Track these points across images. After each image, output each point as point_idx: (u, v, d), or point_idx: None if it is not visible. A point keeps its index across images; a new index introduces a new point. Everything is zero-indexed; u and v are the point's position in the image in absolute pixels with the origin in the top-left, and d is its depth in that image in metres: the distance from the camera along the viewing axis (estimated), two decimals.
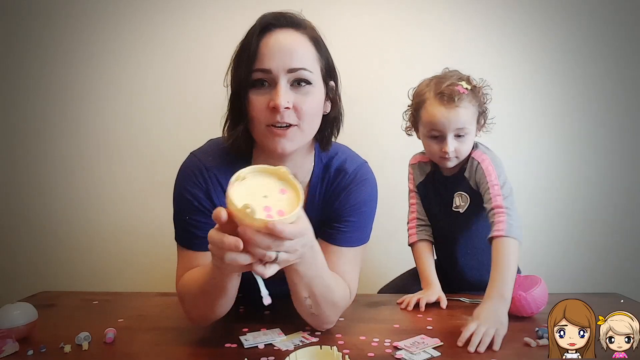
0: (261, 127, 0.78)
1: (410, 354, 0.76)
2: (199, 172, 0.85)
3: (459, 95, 1.09)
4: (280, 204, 0.62)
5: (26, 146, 1.73)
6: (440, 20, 1.64)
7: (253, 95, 0.78)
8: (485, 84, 1.17)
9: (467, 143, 1.13)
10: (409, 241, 1.25)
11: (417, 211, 1.27)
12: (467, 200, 1.17)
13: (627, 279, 1.64)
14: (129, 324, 0.92)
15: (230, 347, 0.79)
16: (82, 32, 1.68)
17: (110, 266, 1.73)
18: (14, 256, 1.76)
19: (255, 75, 0.77)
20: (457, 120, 1.10)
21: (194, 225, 0.84)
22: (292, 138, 0.78)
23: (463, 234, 1.20)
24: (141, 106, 1.70)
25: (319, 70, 0.81)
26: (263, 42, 0.77)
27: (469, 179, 1.16)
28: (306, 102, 0.78)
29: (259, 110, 0.77)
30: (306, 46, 0.79)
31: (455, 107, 1.09)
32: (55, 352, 0.78)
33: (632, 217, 1.67)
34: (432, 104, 1.12)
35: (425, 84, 1.17)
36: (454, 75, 1.16)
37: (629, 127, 1.65)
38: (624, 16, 1.62)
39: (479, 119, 1.16)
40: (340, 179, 0.90)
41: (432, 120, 1.12)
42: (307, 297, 0.78)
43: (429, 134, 1.15)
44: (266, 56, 0.76)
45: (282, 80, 0.76)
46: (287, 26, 0.79)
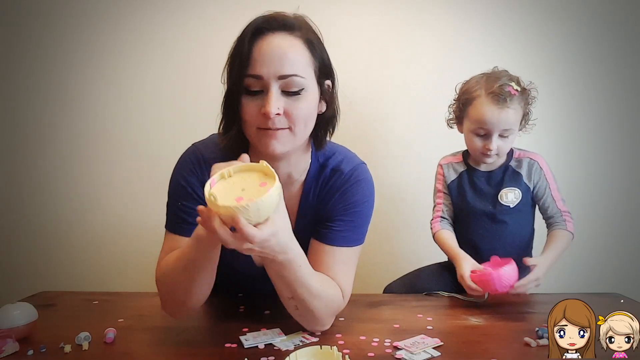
0: (253, 130, 0.79)
1: (410, 354, 0.76)
2: (196, 162, 0.87)
3: (510, 96, 1.13)
4: (257, 194, 0.62)
5: (26, 146, 1.73)
6: (441, 20, 1.64)
7: (245, 100, 0.78)
8: (532, 86, 1.21)
9: (509, 142, 1.19)
10: (432, 231, 1.30)
11: (442, 210, 1.31)
12: (519, 196, 1.21)
13: (627, 279, 1.64)
14: (129, 324, 0.92)
15: (230, 347, 0.79)
16: (82, 33, 1.68)
17: (110, 266, 1.73)
18: (14, 256, 1.76)
19: (247, 81, 0.77)
20: (507, 121, 1.14)
21: (184, 211, 0.85)
22: (284, 140, 0.79)
23: (503, 231, 1.23)
24: (141, 107, 1.70)
25: (312, 73, 0.80)
26: (255, 47, 0.76)
27: (524, 176, 1.21)
28: (297, 107, 0.78)
29: (251, 114, 0.78)
30: (299, 50, 0.78)
31: (506, 108, 1.13)
32: (55, 352, 0.78)
33: (632, 217, 1.67)
34: (483, 103, 1.15)
35: (475, 81, 1.21)
36: (504, 75, 1.19)
37: (629, 127, 1.65)
38: (624, 16, 1.62)
39: (522, 120, 1.21)
40: (335, 179, 0.90)
41: (482, 118, 1.15)
42: (290, 297, 0.79)
43: (475, 131, 1.19)
44: (258, 62, 0.76)
45: (274, 87, 0.76)
46: (280, 29, 0.78)
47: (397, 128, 1.69)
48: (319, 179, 0.91)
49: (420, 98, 1.65)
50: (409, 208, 1.68)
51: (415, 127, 1.67)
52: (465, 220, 1.29)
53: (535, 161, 1.23)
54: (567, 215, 1.21)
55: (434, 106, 1.49)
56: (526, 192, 1.22)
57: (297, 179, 0.91)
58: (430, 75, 1.65)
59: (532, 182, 1.22)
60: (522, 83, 1.19)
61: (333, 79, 0.87)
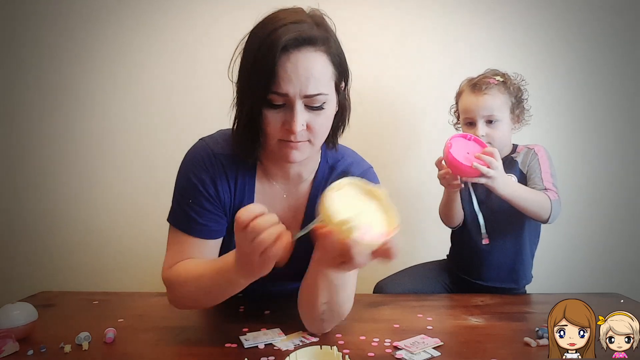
0: (274, 141, 0.80)
1: (410, 354, 0.76)
2: (207, 157, 0.86)
3: (488, 84, 1.21)
4: (372, 223, 0.61)
5: (26, 146, 1.73)
6: (441, 21, 1.65)
7: (268, 113, 0.77)
8: (520, 78, 1.28)
9: (500, 129, 1.22)
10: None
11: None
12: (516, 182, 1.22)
13: (627, 279, 1.64)
14: (129, 324, 0.92)
15: (230, 347, 0.79)
16: (82, 33, 1.68)
17: (110, 266, 1.73)
18: (14, 256, 1.76)
19: (272, 98, 0.75)
20: (485, 106, 1.21)
21: (194, 210, 0.84)
22: (303, 150, 0.80)
23: (501, 218, 1.23)
24: (142, 107, 1.70)
25: (333, 86, 0.80)
26: (280, 64, 0.73)
27: (519, 162, 1.24)
28: (318, 121, 0.78)
29: (273, 127, 0.78)
30: (324, 66, 0.77)
31: (483, 95, 1.21)
32: (55, 352, 0.78)
33: (632, 217, 1.67)
34: (466, 94, 1.27)
35: (465, 80, 1.31)
36: (490, 70, 1.28)
37: (629, 127, 1.65)
38: (624, 16, 1.62)
39: (514, 109, 1.24)
40: None
41: (465, 107, 1.26)
42: (325, 302, 0.78)
43: (465, 122, 1.27)
44: (284, 80, 0.74)
45: (298, 104, 0.75)
46: (306, 44, 0.75)
47: (398, 129, 1.69)
48: (328, 180, 0.91)
49: (425, 99, 1.66)
50: (412, 208, 1.69)
51: (417, 128, 1.67)
52: (469, 210, 1.29)
53: (532, 149, 1.25)
54: (553, 191, 1.17)
55: (438, 107, 1.50)
56: (522, 178, 1.23)
57: (306, 178, 0.92)
58: (436, 76, 1.65)
59: (526, 167, 1.23)
60: (508, 77, 1.26)
61: (347, 79, 0.86)
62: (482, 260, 1.26)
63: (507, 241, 1.24)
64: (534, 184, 1.20)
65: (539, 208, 1.14)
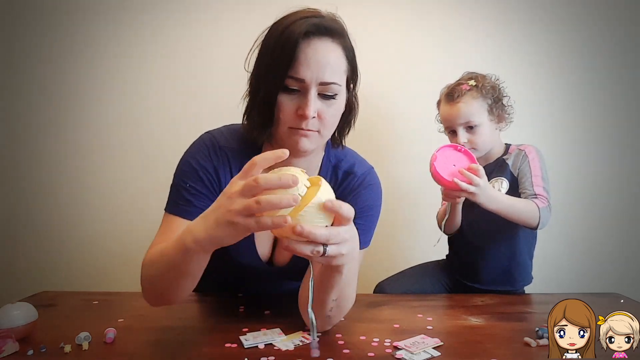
0: (285, 128, 0.81)
1: (410, 354, 0.76)
2: (211, 147, 0.87)
3: (461, 91, 1.20)
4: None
5: (27, 146, 1.74)
6: (443, 23, 1.65)
7: (282, 98, 0.79)
8: (494, 77, 1.26)
9: (481, 134, 1.21)
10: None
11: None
12: (507, 186, 1.22)
13: (627, 279, 1.64)
14: (129, 324, 0.92)
15: (230, 347, 0.79)
16: (83, 33, 1.69)
17: (110, 266, 1.73)
18: (14, 256, 1.76)
19: (288, 82, 0.78)
20: (458, 115, 1.21)
21: (191, 192, 0.84)
22: (312, 140, 0.82)
23: (494, 221, 1.21)
24: (143, 107, 1.71)
25: (345, 80, 0.82)
26: (301, 49, 0.76)
27: (510, 165, 1.23)
28: (329, 111, 0.80)
29: (286, 113, 0.79)
30: (340, 58, 0.81)
31: (457, 103, 1.21)
32: (55, 352, 0.78)
33: (632, 217, 1.67)
34: (443, 103, 1.28)
35: (444, 88, 1.29)
36: (466, 75, 1.26)
37: (629, 127, 1.65)
38: (624, 17, 1.62)
39: (492, 110, 1.22)
40: (348, 181, 0.92)
41: (443, 117, 1.28)
42: (334, 299, 0.77)
43: (447, 130, 1.29)
44: (302, 66, 0.76)
45: (313, 91, 0.78)
46: (326, 34, 0.79)
47: (399, 129, 1.69)
48: (331, 180, 0.92)
49: (425, 99, 1.66)
50: (412, 208, 1.69)
51: (417, 127, 1.67)
52: (464, 214, 1.29)
53: (522, 150, 1.24)
54: (543, 198, 1.16)
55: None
56: (513, 181, 1.22)
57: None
58: (436, 76, 1.65)
59: (517, 169, 1.22)
60: (482, 79, 1.23)
61: (356, 80, 0.88)
62: (478, 264, 1.26)
63: (501, 244, 1.24)
64: (524, 188, 1.19)
65: (527, 217, 1.14)
